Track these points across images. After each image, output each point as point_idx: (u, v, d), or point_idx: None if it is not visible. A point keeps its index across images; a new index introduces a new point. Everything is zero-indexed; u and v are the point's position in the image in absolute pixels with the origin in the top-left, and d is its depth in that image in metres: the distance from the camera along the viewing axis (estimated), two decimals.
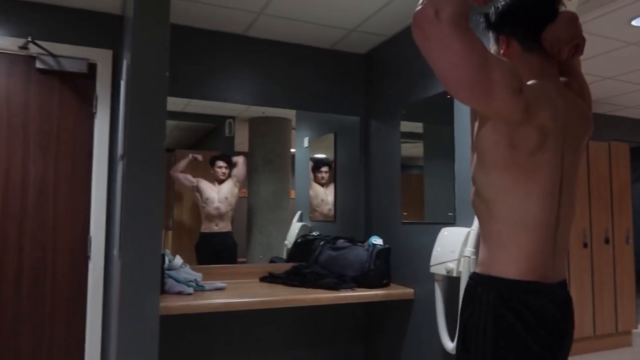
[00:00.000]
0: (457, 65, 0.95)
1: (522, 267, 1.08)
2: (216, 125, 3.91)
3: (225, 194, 3.37)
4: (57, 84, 2.44)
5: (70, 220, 2.42)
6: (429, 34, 0.93)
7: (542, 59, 1.20)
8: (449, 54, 0.93)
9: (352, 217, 3.12)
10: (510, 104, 1.02)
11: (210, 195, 3.34)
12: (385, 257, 2.54)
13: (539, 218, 1.07)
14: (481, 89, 0.98)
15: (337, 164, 3.30)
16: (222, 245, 3.31)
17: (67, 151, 2.43)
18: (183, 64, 2.68)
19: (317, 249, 2.75)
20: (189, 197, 3.52)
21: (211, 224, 3.30)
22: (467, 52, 0.94)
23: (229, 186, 3.41)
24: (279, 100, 2.94)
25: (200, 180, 3.32)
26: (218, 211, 3.36)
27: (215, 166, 3.35)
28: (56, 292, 2.38)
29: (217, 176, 3.32)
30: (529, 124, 1.06)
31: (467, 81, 0.97)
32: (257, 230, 3.81)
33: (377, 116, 2.93)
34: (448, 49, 0.93)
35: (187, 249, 3.55)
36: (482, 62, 0.97)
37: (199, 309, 2.07)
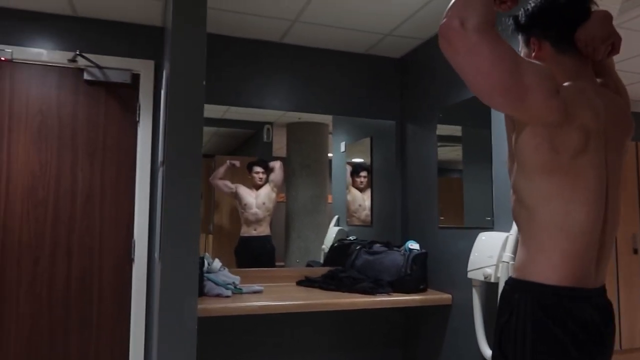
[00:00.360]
0: (487, 73, 0.94)
1: (563, 273, 1.06)
2: (255, 131, 3.97)
3: (263, 200, 3.41)
4: (103, 94, 2.55)
5: (115, 225, 2.51)
6: (457, 45, 0.92)
7: (576, 60, 1.17)
8: (478, 62, 0.93)
9: (388, 222, 3.10)
10: (547, 106, 1.00)
11: (249, 200, 3.40)
12: (422, 262, 2.51)
13: (584, 224, 1.05)
14: (515, 94, 0.97)
15: (374, 168, 3.29)
16: (260, 249, 3.36)
17: (112, 158, 2.53)
18: (222, 72, 2.74)
19: (353, 253, 2.75)
20: (229, 202, 3.59)
21: (250, 228, 3.35)
22: (497, 58, 0.93)
23: (266, 191, 3.45)
24: (315, 106, 2.96)
25: (238, 186, 3.38)
26: (256, 216, 3.41)
27: (253, 172, 3.41)
28: (102, 294, 2.47)
29: (254, 182, 3.37)
30: (570, 125, 1.03)
31: (499, 88, 0.95)
32: (295, 235, 3.84)
33: (413, 120, 2.92)
34: (477, 57, 0.92)
35: (227, 253, 3.62)
36: (513, 66, 0.96)
37: (236, 311, 2.11)
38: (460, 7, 0.94)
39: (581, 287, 1.06)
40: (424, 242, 2.66)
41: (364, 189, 3.45)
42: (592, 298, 1.07)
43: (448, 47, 0.95)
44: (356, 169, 3.55)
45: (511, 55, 0.96)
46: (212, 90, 2.73)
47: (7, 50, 2.37)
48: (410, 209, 2.92)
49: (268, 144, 3.76)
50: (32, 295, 2.37)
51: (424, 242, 2.66)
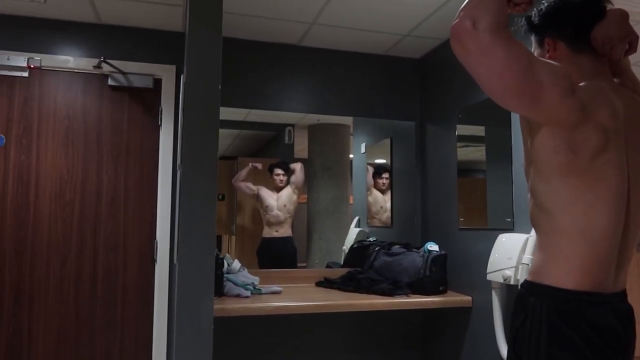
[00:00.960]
0: (500, 74, 0.93)
1: (580, 278, 1.04)
2: (276, 133, 4.00)
3: (284, 202, 3.43)
4: (126, 99, 2.61)
5: (139, 226, 2.57)
6: (469, 46, 0.92)
7: (593, 60, 1.15)
8: (491, 62, 0.92)
9: (408, 223, 3.08)
10: (562, 105, 0.98)
11: (270, 202, 3.42)
12: (442, 264, 2.49)
13: (605, 229, 1.03)
14: (529, 94, 0.96)
15: (394, 169, 3.28)
16: (282, 251, 3.38)
17: (135, 162, 2.59)
18: (242, 76, 2.78)
19: (372, 254, 2.75)
20: (251, 203, 3.63)
21: (271, 229, 3.38)
22: (510, 59, 0.93)
23: (287, 193, 3.47)
24: (335, 108, 2.98)
25: (260, 188, 3.41)
26: (277, 218, 3.43)
27: (274, 174, 3.43)
28: (126, 294, 2.53)
29: (275, 184, 3.40)
30: (587, 125, 1.01)
31: (513, 88, 0.95)
32: (317, 236, 3.85)
33: (432, 121, 2.90)
34: (489, 57, 0.93)
35: (249, 254, 3.65)
36: (527, 66, 0.94)
37: (255, 311, 2.13)
38: (472, 7, 0.94)
39: (599, 292, 1.04)
40: (443, 244, 2.63)
41: (386, 191, 3.43)
42: (611, 303, 1.05)
43: (460, 48, 0.95)
44: (378, 171, 3.54)
45: (525, 55, 0.95)
46: (233, 93, 2.76)
47: (36, 58, 2.45)
48: (430, 210, 2.90)
49: (289, 146, 3.79)
50: (60, 294, 2.44)
51: (443, 243, 2.63)
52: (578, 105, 0.99)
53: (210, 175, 1.68)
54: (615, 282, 1.08)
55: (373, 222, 3.60)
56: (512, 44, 0.93)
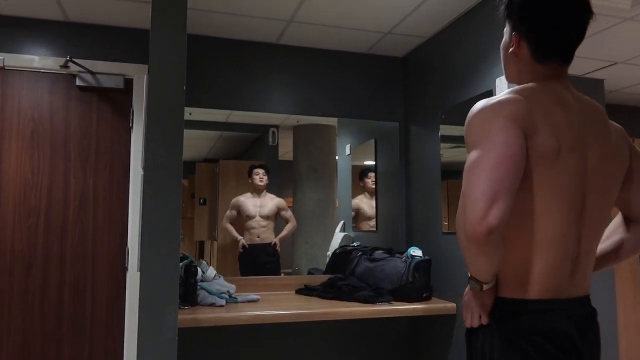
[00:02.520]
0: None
1: (531, 287, 1.07)
2: (260, 134, 3.97)
3: (267, 213, 3.39)
4: (95, 100, 2.56)
5: (109, 233, 2.53)
6: (478, 248, 1.02)
7: (553, 70, 1.15)
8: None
9: (393, 227, 3.06)
10: (526, 166, 1.05)
11: (251, 211, 3.38)
12: (425, 270, 2.46)
13: (554, 238, 1.07)
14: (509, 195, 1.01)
15: (379, 171, 3.26)
16: (264, 257, 3.35)
17: (105, 165, 2.55)
18: (221, 76, 2.74)
19: (354, 260, 2.73)
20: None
21: (253, 236, 3.35)
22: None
23: (272, 204, 3.43)
24: (317, 108, 2.95)
25: (237, 200, 3.38)
26: (259, 224, 3.39)
27: (253, 174, 3.40)
28: (96, 305, 2.48)
29: (255, 184, 3.36)
30: (531, 150, 1.05)
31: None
32: (303, 240, 3.82)
33: (416, 121, 2.88)
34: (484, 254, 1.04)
35: (233, 260, 3.61)
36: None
37: (229, 321, 2.09)
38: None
39: (552, 299, 1.06)
40: (428, 249, 2.61)
41: (372, 194, 3.41)
42: (567, 309, 1.07)
43: (473, 248, 1.03)
44: (364, 173, 3.52)
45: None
46: (213, 94, 2.73)
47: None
48: (414, 214, 2.88)
49: (274, 148, 3.75)
50: (25, 305, 2.39)
51: (428, 248, 2.61)
52: (526, 144, 1.04)
53: (175, 180, 1.64)
54: (571, 288, 1.09)
55: (360, 226, 3.58)
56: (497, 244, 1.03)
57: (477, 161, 1.02)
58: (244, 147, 4.39)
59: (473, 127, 1.08)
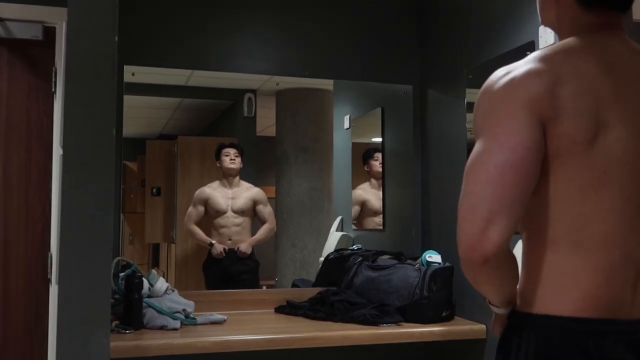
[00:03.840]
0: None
1: (580, 301, 1.07)
2: (232, 102, 3.94)
3: (241, 206, 3.36)
4: (5, 55, 2.53)
5: (25, 233, 2.51)
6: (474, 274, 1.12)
7: (601, 19, 1.17)
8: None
9: (404, 225, 3.05)
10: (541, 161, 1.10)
11: (220, 205, 3.34)
12: (446, 280, 2.47)
13: (608, 237, 1.09)
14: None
15: (386, 150, 3.25)
16: (238, 266, 3.34)
17: (20, 142, 2.52)
18: (175, 22, 2.72)
19: (351, 268, 2.73)
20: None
21: (222, 237, 3.33)
22: None
23: (246, 194, 3.40)
24: (305, 67, 2.93)
25: (202, 191, 3.34)
26: (231, 221, 3.37)
27: (222, 155, 3.36)
28: (8, 326, 2.47)
29: (224, 167, 3.32)
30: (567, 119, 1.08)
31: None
32: (289, 243, 3.81)
33: (435, 84, 2.87)
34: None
35: (196, 267, 3.60)
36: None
37: (185, 348, 2.08)
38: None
39: (608, 319, 1.07)
40: (449, 253, 2.60)
41: (378, 181, 3.39)
42: (626, 333, 1.07)
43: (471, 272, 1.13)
44: (370, 152, 3.50)
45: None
46: (163, 47, 2.70)
47: None
48: (432, 206, 2.87)
49: (250, 120, 3.73)
50: None
51: (449, 252, 2.61)
52: (547, 132, 1.08)
53: (104, 161, 1.62)
54: (633, 305, 1.10)
55: (363, 223, 3.57)
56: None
57: (474, 165, 1.07)
58: (210, 119, 4.36)
59: (478, 110, 1.13)
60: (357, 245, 3.22)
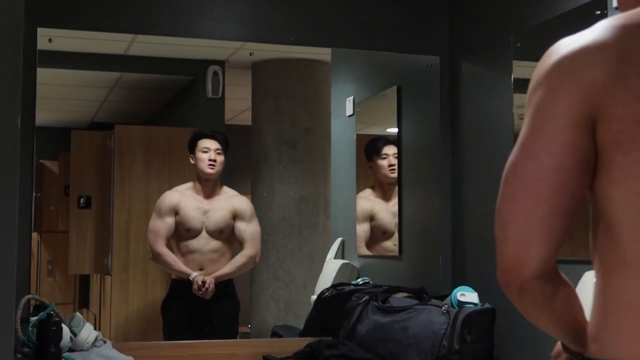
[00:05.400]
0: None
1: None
2: (190, 78, 3.94)
3: (218, 223, 3.33)
4: None
5: None
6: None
7: None
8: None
9: (429, 249, 3.05)
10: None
11: (193, 220, 3.30)
12: (484, 328, 2.48)
13: None
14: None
15: (403, 144, 3.25)
16: (212, 307, 3.32)
17: None
18: None
19: (354, 311, 2.73)
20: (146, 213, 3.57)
21: (188, 262, 3.31)
22: None
23: (225, 205, 3.38)
24: (292, 30, 2.94)
25: (169, 197, 3.33)
26: (205, 245, 3.34)
27: (198, 150, 3.31)
28: None
29: (200, 168, 3.29)
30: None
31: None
32: (270, 274, 3.81)
33: (470, 54, 2.91)
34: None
35: (142, 310, 3.59)
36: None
37: None
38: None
39: None
40: (489, 289, 2.61)
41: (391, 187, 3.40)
42: None
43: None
44: (375, 145, 3.49)
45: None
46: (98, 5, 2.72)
47: None
48: (467, 223, 2.90)
49: (215, 103, 3.73)
50: None
51: (489, 288, 2.61)
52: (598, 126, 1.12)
53: (5, 162, 1.63)
54: None
55: (368, 248, 3.56)
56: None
57: (505, 175, 1.15)
58: (160, 101, 4.36)
59: (528, 92, 1.18)
60: (363, 278, 3.20)
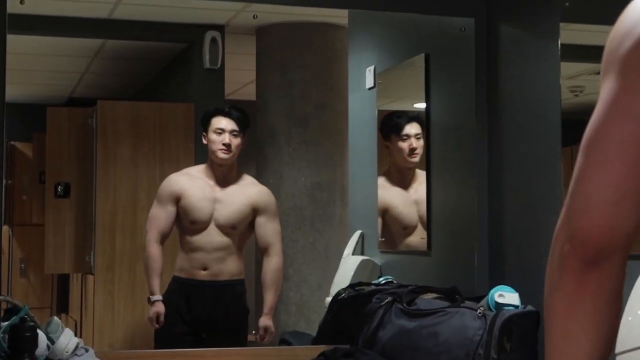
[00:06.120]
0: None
1: None
2: (185, 46, 3.95)
3: (233, 217, 3.32)
4: None
5: None
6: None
7: None
8: None
9: (462, 244, 3.06)
10: None
11: (199, 211, 3.29)
12: (526, 334, 2.48)
13: None
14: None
15: (432, 122, 3.25)
16: (215, 310, 3.33)
17: None
18: None
19: (375, 314, 2.74)
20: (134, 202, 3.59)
21: (194, 264, 3.31)
22: None
23: (243, 195, 3.38)
24: None
25: (174, 181, 3.33)
26: (211, 242, 3.34)
27: (211, 131, 3.29)
28: None
29: (212, 151, 3.29)
30: None
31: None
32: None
33: (510, 15, 2.92)
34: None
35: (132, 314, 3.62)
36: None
37: None
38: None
39: None
40: (533, 290, 2.61)
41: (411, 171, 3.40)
42: None
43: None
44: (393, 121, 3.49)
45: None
46: None
47: None
48: (506, 213, 2.91)
49: (214, 75, 3.74)
50: None
51: (533, 288, 2.61)
52: None
53: None
54: None
55: (391, 243, 3.57)
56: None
57: (587, 139, 1.12)
58: (149, 73, 4.38)
59: (603, 56, 1.15)
60: (386, 277, 3.20)
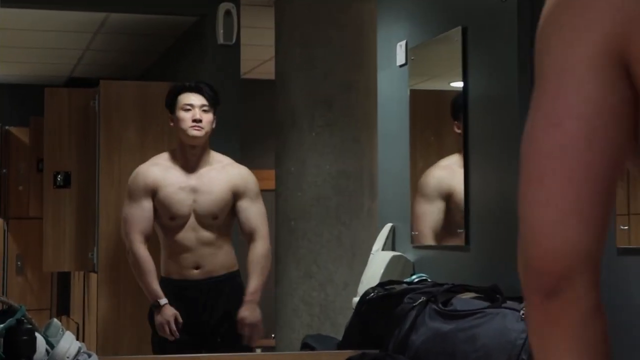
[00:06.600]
0: None
1: None
2: (195, 19, 3.97)
3: (213, 204, 3.32)
4: None
5: None
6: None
7: None
8: None
9: (503, 238, 3.05)
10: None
11: (177, 204, 3.28)
12: None
13: None
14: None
15: (470, 102, 3.25)
16: (210, 311, 3.35)
17: None
18: None
19: (407, 316, 2.74)
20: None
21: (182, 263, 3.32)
22: None
23: (220, 178, 3.38)
24: None
25: (145, 173, 3.33)
26: (196, 237, 3.34)
27: (179, 108, 3.29)
28: None
29: (182, 130, 3.29)
30: None
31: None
32: (300, 272, 3.84)
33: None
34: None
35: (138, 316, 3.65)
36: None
37: None
38: None
39: None
40: None
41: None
42: None
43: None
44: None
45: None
46: None
47: None
48: None
49: (228, 50, 3.76)
50: None
51: None
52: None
53: None
54: None
55: (425, 237, 3.56)
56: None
57: (529, 140, 1.10)
58: (157, 50, 4.41)
59: (537, 33, 1.14)
60: (419, 274, 3.23)
